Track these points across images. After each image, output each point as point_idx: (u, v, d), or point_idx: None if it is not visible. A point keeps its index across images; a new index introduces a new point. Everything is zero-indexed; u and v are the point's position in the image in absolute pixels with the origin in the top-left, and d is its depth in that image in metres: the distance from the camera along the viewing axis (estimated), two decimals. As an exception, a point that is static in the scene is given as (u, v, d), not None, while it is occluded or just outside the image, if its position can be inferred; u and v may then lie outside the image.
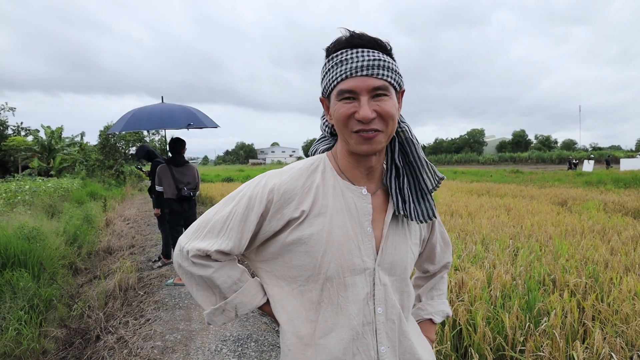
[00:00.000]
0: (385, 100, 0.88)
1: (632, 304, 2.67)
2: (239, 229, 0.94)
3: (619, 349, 2.14)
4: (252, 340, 3.21)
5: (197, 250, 0.95)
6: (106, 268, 5.33)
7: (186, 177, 4.89)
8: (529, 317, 2.60)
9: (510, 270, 3.50)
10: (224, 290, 0.99)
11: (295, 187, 0.94)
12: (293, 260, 0.95)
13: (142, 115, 4.93)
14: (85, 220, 7.63)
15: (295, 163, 1.02)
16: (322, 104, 1.01)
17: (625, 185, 14.07)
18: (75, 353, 3.12)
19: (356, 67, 0.87)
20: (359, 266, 0.94)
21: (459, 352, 2.54)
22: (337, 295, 0.94)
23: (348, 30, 0.91)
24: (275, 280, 0.99)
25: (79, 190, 12.41)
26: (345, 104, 0.88)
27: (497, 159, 68.85)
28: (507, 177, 21.78)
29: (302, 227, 0.93)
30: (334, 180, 0.97)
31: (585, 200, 9.40)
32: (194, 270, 0.97)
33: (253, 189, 0.96)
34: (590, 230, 5.56)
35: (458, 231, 5.58)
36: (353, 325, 0.93)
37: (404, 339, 1.01)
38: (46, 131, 26.26)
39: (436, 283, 1.29)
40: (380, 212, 1.00)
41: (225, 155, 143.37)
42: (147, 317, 3.70)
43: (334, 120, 0.92)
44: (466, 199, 9.81)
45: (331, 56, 0.91)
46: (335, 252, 0.92)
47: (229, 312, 1.00)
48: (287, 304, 0.97)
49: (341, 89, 0.88)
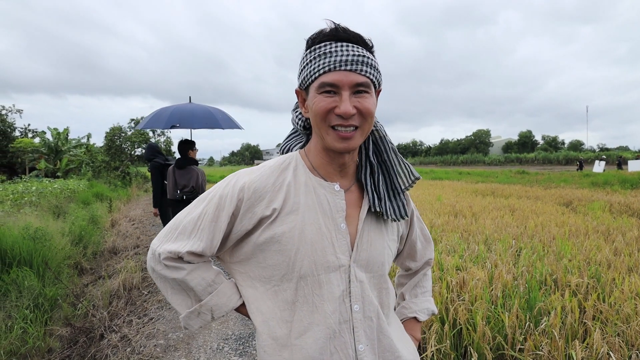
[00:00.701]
0: (366, 98, 0.88)
1: (633, 304, 2.66)
2: (210, 229, 0.93)
3: (618, 349, 2.14)
4: (253, 338, 3.24)
5: (168, 252, 0.94)
6: (111, 268, 5.38)
7: (184, 180, 4.91)
8: (529, 316, 2.60)
9: (512, 270, 3.50)
10: (198, 293, 0.97)
11: (266, 185, 0.93)
12: (267, 260, 0.93)
13: (181, 112, 5.01)
14: (91, 221, 7.70)
15: (266, 162, 1.01)
16: (297, 96, 1.00)
17: (632, 186, 13.96)
18: (79, 351, 3.15)
19: (340, 61, 0.86)
20: (334, 263, 0.93)
21: (458, 351, 2.54)
22: (312, 293, 0.92)
23: (333, 22, 0.90)
24: (249, 282, 0.98)
25: (85, 191, 12.51)
26: (326, 98, 0.87)
27: (503, 159, 68.46)
28: (513, 177, 21.67)
29: (274, 226, 0.92)
30: (306, 177, 0.96)
31: (591, 201, 9.34)
32: (166, 273, 0.95)
33: (223, 189, 0.95)
34: (595, 231, 5.53)
35: (461, 231, 5.58)
36: (329, 324, 0.92)
37: (383, 337, 0.99)
38: (53, 133, 26.49)
39: (419, 280, 1.27)
40: (355, 207, 0.99)
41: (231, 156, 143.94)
42: (150, 316, 3.74)
43: (312, 113, 0.90)
44: (471, 200, 9.79)
45: (313, 47, 0.90)
46: (308, 250, 0.91)
47: (204, 314, 0.98)
48: (262, 305, 0.95)
49: (323, 82, 0.87)
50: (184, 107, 5.13)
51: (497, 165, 61.72)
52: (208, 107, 5.24)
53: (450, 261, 3.72)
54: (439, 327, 2.58)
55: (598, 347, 2.13)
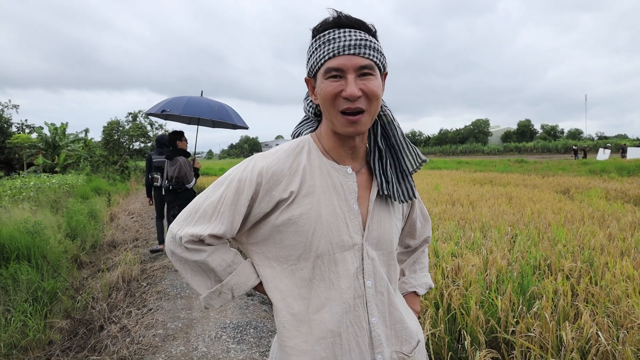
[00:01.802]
0: (371, 80, 0.91)
1: (624, 286, 2.70)
2: (231, 212, 0.96)
3: (607, 329, 2.17)
4: (251, 327, 3.28)
5: (190, 235, 0.96)
6: (110, 261, 5.42)
7: (171, 171, 5.05)
8: (522, 300, 2.64)
9: (506, 256, 3.53)
10: (219, 273, 1.00)
11: (282, 169, 0.97)
12: (284, 241, 0.97)
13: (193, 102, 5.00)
14: (90, 215, 7.72)
15: (281, 145, 1.04)
16: (307, 84, 1.03)
17: (628, 173, 14.02)
18: (79, 342, 3.19)
19: (343, 45, 0.89)
20: (348, 242, 0.98)
21: (452, 335, 2.58)
22: (328, 271, 0.97)
23: (335, 10, 0.93)
24: (267, 261, 1.01)
25: (84, 186, 12.51)
26: (332, 82, 0.90)
27: (502, 149, 68.42)
28: (511, 166, 21.71)
29: (292, 208, 0.95)
30: (320, 161, 1.00)
31: (587, 188, 9.39)
32: (187, 256, 0.98)
33: (242, 173, 0.98)
34: (590, 217, 5.57)
35: (458, 219, 5.61)
36: (345, 299, 0.97)
37: (394, 309, 1.05)
38: (50, 128, 26.41)
39: (418, 257, 1.33)
40: (365, 189, 1.04)
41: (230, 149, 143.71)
42: (149, 307, 3.78)
43: (320, 99, 0.94)
44: (468, 189, 9.82)
45: (318, 36, 0.93)
46: (325, 230, 0.95)
47: (225, 294, 1.02)
48: (280, 284, 0.99)
49: (328, 67, 0.90)
50: (199, 98, 5.14)
51: (496, 155, 61.72)
52: (222, 103, 5.27)
53: (446, 248, 3.75)
54: (433, 312, 2.61)
55: (587, 327, 2.17)
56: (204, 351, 2.93)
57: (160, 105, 5.04)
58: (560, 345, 2.21)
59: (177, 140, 5.11)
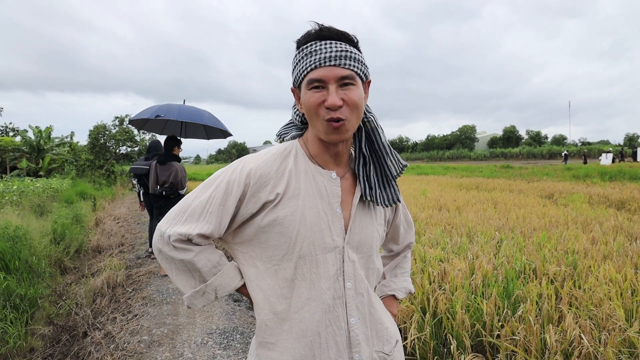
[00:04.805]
0: (352, 90, 0.94)
1: (606, 289, 2.74)
2: (219, 212, 0.98)
3: (589, 331, 2.20)
4: (237, 332, 3.25)
5: (179, 234, 0.99)
6: (95, 266, 5.33)
7: (164, 176, 4.95)
8: (507, 304, 2.67)
9: (492, 260, 3.57)
10: (204, 274, 1.03)
11: (270, 172, 1.00)
12: (269, 241, 0.99)
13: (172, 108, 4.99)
14: (75, 220, 7.60)
15: (269, 148, 1.07)
16: (293, 94, 1.06)
17: (610, 178, 14.29)
18: (62, 349, 3.13)
19: (324, 57, 0.93)
20: (330, 244, 1.01)
21: (438, 339, 2.59)
22: (309, 272, 1.00)
23: (317, 23, 0.97)
24: (251, 261, 1.03)
25: (68, 190, 12.32)
26: (315, 93, 0.94)
27: (488, 154, 69.10)
28: (497, 172, 21.96)
29: (277, 209, 0.98)
30: (306, 165, 1.03)
31: (571, 193, 9.54)
32: (174, 255, 1.00)
33: (230, 174, 1.01)
34: (574, 221, 5.66)
35: (445, 224, 5.66)
36: (324, 299, 1.00)
37: (374, 310, 1.09)
38: (35, 131, 25.99)
39: (400, 262, 1.36)
40: (349, 194, 1.07)
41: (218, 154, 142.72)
42: (134, 313, 3.72)
43: (305, 108, 0.97)
44: (455, 194, 9.90)
45: (301, 48, 0.97)
46: (308, 232, 0.98)
47: (209, 294, 1.04)
48: (263, 283, 1.01)
49: (311, 78, 0.94)
50: (189, 106, 5.14)
51: (482, 160, 62.32)
52: (210, 113, 5.28)
53: (433, 253, 3.78)
54: (419, 317, 2.63)
55: (571, 330, 2.20)
56: (190, 357, 2.90)
57: (151, 111, 5.01)
58: (544, 348, 2.24)
59: (175, 147, 5.05)
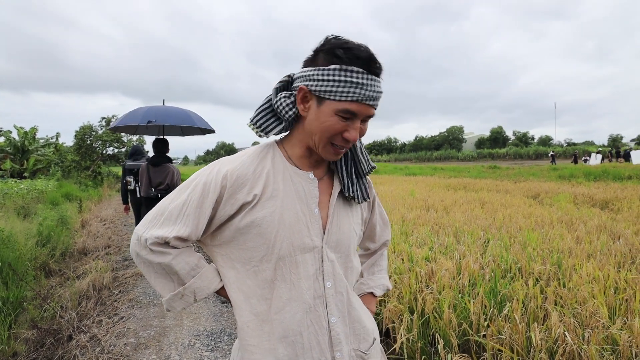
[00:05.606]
0: (366, 123, 1.00)
1: (590, 287, 2.79)
2: (195, 215, 0.97)
3: (573, 328, 2.24)
4: (225, 334, 3.24)
5: (155, 237, 0.98)
6: (80, 269, 5.26)
7: (159, 177, 4.87)
8: (494, 303, 2.70)
9: (479, 260, 3.60)
10: (182, 276, 1.02)
11: (247, 173, 0.99)
12: (247, 242, 0.99)
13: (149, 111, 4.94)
14: (60, 222, 7.49)
15: (246, 150, 1.07)
16: (299, 91, 0.98)
17: (595, 178, 14.54)
18: (46, 353, 3.08)
19: (367, 96, 0.92)
20: (309, 245, 1.01)
21: (426, 339, 2.61)
22: (289, 272, 1.00)
23: (365, 49, 0.93)
24: (230, 263, 1.03)
25: (54, 192, 12.13)
26: (341, 122, 0.94)
27: (476, 155, 69.80)
28: (484, 172, 22.17)
29: (255, 210, 0.98)
30: (283, 166, 1.04)
31: (557, 193, 9.67)
32: (152, 258, 0.99)
33: (207, 176, 1.00)
34: (559, 221, 5.74)
35: (432, 224, 5.69)
36: (305, 299, 1.00)
37: (353, 309, 1.09)
38: (19, 132, 25.53)
39: (377, 260, 1.38)
40: (326, 195, 1.09)
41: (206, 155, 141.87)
42: (121, 315, 3.68)
43: (320, 127, 0.95)
44: (442, 194, 9.97)
45: (345, 67, 0.91)
46: (287, 232, 0.98)
47: (187, 297, 1.03)
48: (243, 285, 1.01)
49: (347, 109, 0.93)
50: (159, 107, 5.10)
51: (470, 161, 62.93)
52: (183, 109, 5.25)
53: (420, 253, 3.80)
54: (407, 318, 2.64)
55: (555, 328, 2.23)
56: (177, 359, 2.87)
57: (118, 121, 4.97)
58: (529, 347, 2.27)
59: (165, 148, 5.00)
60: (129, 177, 5.69)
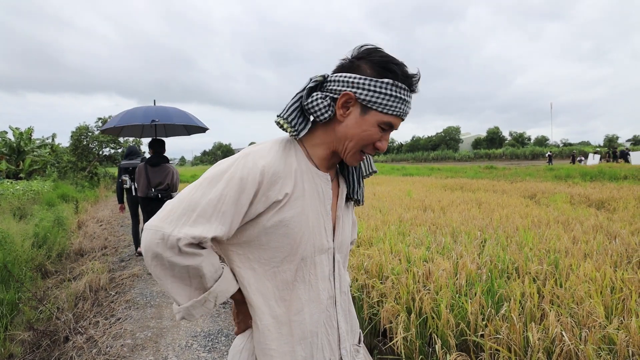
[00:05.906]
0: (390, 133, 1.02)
1: (587, 287, 2.80)
2: (232, 212, 0.90)
3: (570, 328, 2.24)
4: (222, 335, 3.23)
5: (192, 237, 0.87)
6: (77, 270, 5.24)
7: (158, 177, 4.85)
8: (491, 303, 2.70)
9: (476, 260, 3.61)
10: (207, 280, 0.93)
11: (280, 169, 0.94)
12: (271, 242, 0.96)
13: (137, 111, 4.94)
14: (56, 223, 7.46)
15: (269, 143, 1.00)
16: (342, 96, 0.95)
17: (591, 178, 14.61)
18: (42, 355, 3.07)
19: (406, 111, 0.98)
20: (325, 246, 1.03)
21: (423, 338, 2.61)
22: (309, 273, 1.01)
23: (412, 72, 0.98)
24: (248, 263, 0.98)
25: (50, 193, 12.08)
26: (380, 132, 0.98)
27: (472, 155, 69.91)
28: (481, 172, 22.23)
29: (284, 210, 0.94)
30: (307, 166, 1.01)
31: (553, 193, 9.70)
32: (179, 261, 0.87)
33: (242, 170, 0.91)
34: (556, 221, 5.75)
35: (429, 225, 5.70)
36: (321, 300, 1.02)
37: (351, 307, 1.16)
38: (15, 133, 25.40)
39: None
40: (335, 196, 1.10)
41: (203, 155, 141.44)
42: (117, 317, 3.67)
43: (357, 135, 0.97)
44: (439, 195, 9.99)
45: (397, 83, 0.94)
46: (310, 233, 0.99)
47: (209, 302, 0.95)
48: (262, 286, 0.98)
49: (388, 121, 0.97)
50: (156, 107, 5.10)
51: (466, 161, 63.05)
52: (177, 108, 5.27)
53: (418, 253, 3.80)
54: (405, 317, 2.64)
55: (552, 328, 2.24)
56: (174, 361, 2.86)
57: (115, 121, 4.97)
58: (527, 347, 2.27)
59: (162, 148, 4.99)
60: (124, 176, 5.67)
